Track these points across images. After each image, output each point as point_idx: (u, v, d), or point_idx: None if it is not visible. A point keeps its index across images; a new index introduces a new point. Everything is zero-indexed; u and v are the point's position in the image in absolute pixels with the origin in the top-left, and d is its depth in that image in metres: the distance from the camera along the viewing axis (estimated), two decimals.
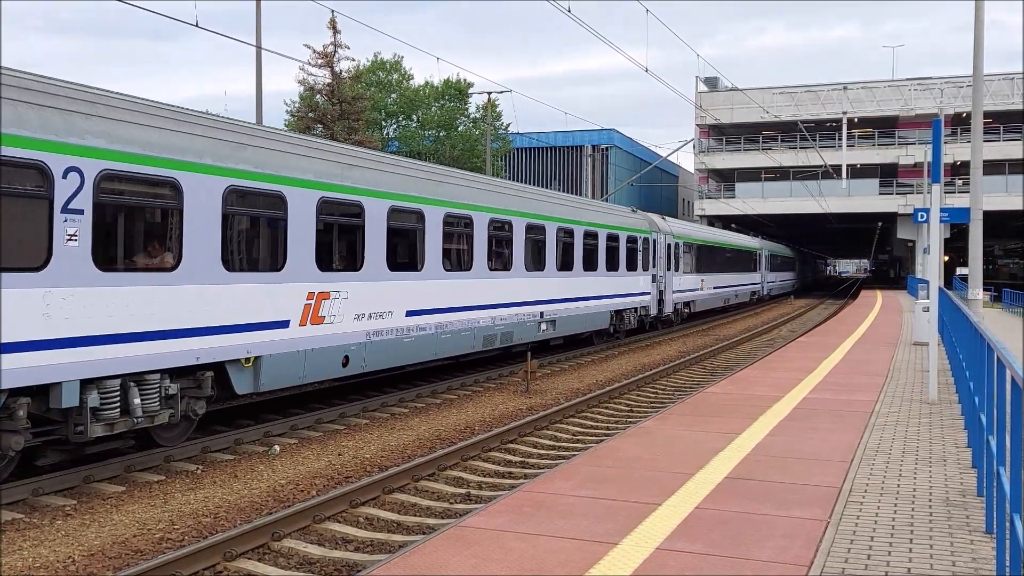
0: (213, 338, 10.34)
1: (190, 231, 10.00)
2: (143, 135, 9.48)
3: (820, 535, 6.41)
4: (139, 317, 9.36)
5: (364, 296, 13.15)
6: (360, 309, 13.06)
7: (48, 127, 8.38)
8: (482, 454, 11.19)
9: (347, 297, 12.75)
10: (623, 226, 25.56)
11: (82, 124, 8.77)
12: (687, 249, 32.41)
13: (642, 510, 7.01)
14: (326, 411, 13.32)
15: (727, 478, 8.05)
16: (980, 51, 17.19)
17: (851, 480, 8.03)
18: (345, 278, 12.82)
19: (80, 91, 9.07)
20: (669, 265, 29.66)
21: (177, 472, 9.99)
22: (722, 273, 38.72)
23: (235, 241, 10.86)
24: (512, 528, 6.56)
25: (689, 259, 32.75)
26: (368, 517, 8.53)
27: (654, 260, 28.05)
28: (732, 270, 41.30)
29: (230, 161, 10.62)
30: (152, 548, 7.50)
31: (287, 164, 11.67)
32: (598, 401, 15.17)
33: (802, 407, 12.00)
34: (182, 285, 9.94)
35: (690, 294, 32.91)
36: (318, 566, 7.24)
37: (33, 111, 8.30)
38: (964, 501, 7.39)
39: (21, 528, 7.94)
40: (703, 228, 41.68)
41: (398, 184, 14.21)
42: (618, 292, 24.75)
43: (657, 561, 5.84)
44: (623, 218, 26.18)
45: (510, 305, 18.08)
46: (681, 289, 31.45)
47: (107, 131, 9.02)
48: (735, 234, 50.46)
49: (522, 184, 25.19)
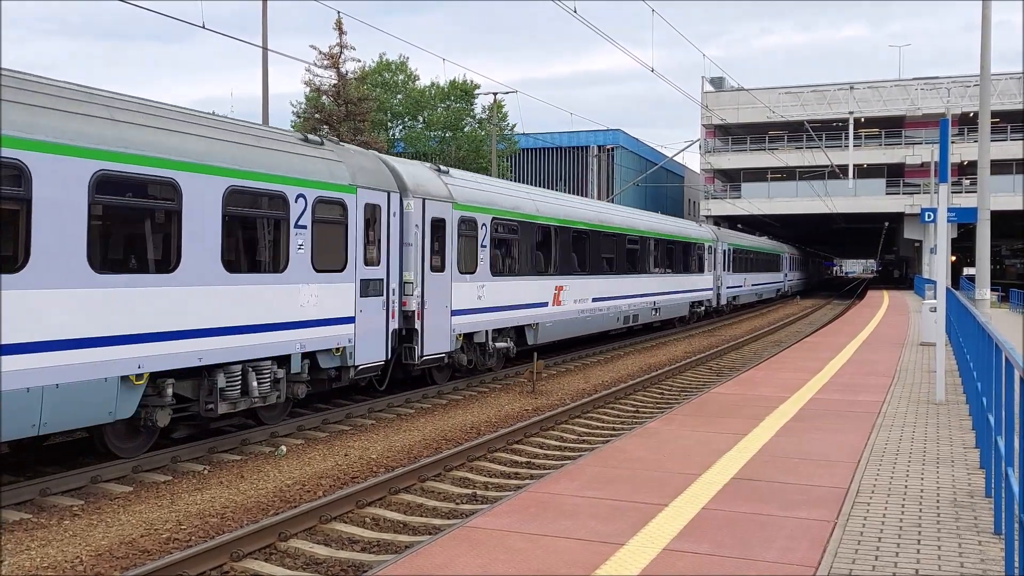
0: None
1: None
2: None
3: (827, 536, 6.39)
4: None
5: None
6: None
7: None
8: (488, 455, 11.19)
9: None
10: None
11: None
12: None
13: (648, 511, 7.00)
14: (332, 411, 13.34)
15: (734, 479, 8.04)
16: (987, 50, 17.15)
17: (858, 481, 8.01)
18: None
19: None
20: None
21: (184, 472, 10.01)
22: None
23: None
24: (518, 528, 6.55)
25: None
26: (374, 517, 8.54)
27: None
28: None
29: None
30: (159, 548, 7.51)
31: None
32: (604, 402, 15.15)
33: (809, 408, 11.98)
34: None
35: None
36: (324, 566, 7.24)
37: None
38: (972, 502, 7.36)
39: (29, 528, 7.96)
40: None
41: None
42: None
43: (663, 562, 5.84)
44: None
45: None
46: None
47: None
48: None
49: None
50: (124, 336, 9.24)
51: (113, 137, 9.18)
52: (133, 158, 9.35)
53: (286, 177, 11.54)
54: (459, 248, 15.84)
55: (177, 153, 9.92)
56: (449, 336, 15.44)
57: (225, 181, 10.54)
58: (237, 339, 10.71)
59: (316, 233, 12.05)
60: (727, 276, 37.49)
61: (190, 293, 10.04)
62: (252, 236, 11.33)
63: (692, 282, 31.87)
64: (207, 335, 10.27)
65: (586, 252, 21.94)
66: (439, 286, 15.07)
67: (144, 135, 9.63)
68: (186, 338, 9.99)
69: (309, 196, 11.93)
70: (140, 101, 10.19)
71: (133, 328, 9.33)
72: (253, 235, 11.35)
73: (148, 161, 9.54)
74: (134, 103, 9.99)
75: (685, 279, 30.84)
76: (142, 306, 9.44)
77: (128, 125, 9.48)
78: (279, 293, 11.43)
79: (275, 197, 11.38)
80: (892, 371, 16.14)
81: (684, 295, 30.76)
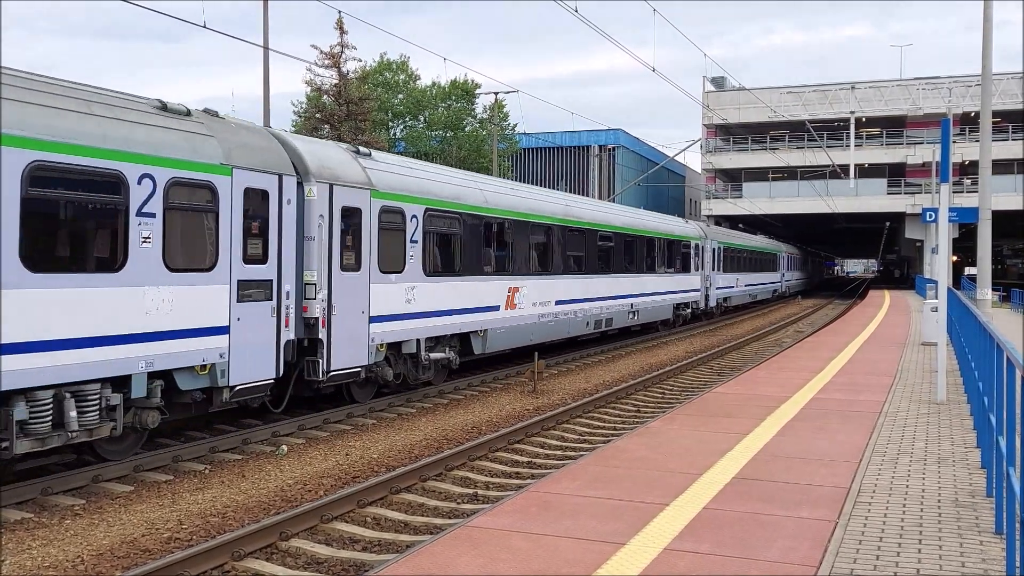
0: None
1: None
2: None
3: (828, 535, 6.39)
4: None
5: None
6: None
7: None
8: (489, 454, 11.19)
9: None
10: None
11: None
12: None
13: (649, 510, 7.00)
14: (333, 411, 13.34)
15: (735, 478, 8.03)
16: (989, 50, 17.14)
17: (859, 480, 8.01)
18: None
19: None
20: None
21: (185, 472, 10.02)
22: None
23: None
24: (519, 528, 6.55)
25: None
26: (375, 517, 8.54)
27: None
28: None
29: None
30: (160, 547, 7.52)
31: None
32: (605, 401, 15.15)
33: (810, 407, 11.97)
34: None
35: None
36: (326, 566, 7.25)
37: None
38: (973, 502, 7.36)
39: (30, 527, 7.97)
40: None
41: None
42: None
43: (664, 561, 5.83)
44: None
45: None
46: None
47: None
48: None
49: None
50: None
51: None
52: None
53: (123, 152, 9.16)
54: (380, 243, 13.52)
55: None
56: (367, 346, 13.15)
57: (27, 155, 8.24)
58: (45, 357, 8.35)
59: (169, 223, 9.72)
60: (717, 276, 35.63)
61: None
62: (72, 226, 8.96)
63: (676, 282, 30.00)
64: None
65: (549, 250, 19.90)
66: (352, 288, 12.82)
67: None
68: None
69: (160, 177, 9.59)
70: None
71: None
72: (74, 224, 8.98)
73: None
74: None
75: (668, 279, 29.01)
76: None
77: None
78: (113, 297, 9.05)
79: (106, 177, 9.01)
80: (893, 371, 16.13)
81: (667, 296, 28.79)
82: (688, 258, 31.39)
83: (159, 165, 9.62)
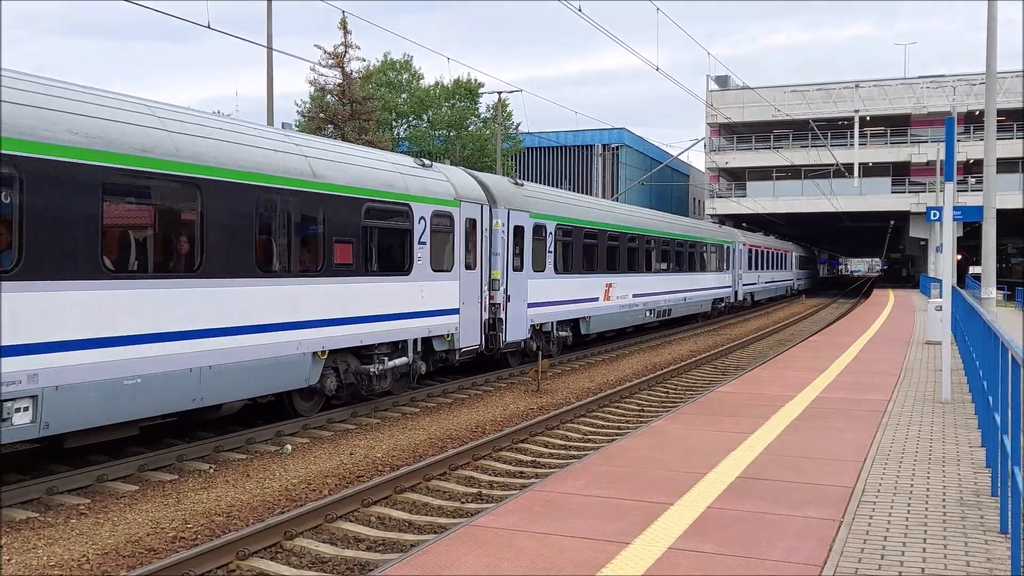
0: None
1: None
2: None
3: (833, 535, 6.39)
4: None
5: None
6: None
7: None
8: (493, 453, 11.19)
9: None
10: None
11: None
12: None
13: (654, 510, 7.00)
14: (338, 410, 13.35)
15: (739, 478, 8.03)
16: (993, 49, 17.09)
17: (864, 480, 8.00)
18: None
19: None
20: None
21: (190, 471, 10.04)
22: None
23: None
24: (523, 528, 6.56)
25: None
26: (380, 516, 8.55)
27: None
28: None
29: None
30: (165, 547, 7.54)
31: None
32: (609, 401, 15.15)
33: (814, 407, 11.96)
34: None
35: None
36: (330, 565, 7.26)
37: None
38: (978, 501, 7.35)
39: (36, 527, 7.99)
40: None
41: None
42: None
43: (669, 561, 5.84)
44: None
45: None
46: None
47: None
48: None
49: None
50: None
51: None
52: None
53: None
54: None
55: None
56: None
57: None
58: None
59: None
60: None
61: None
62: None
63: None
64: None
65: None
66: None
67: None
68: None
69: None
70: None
71: None
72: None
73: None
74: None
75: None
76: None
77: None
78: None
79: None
80: (898, 370, 16.11)
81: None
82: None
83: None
